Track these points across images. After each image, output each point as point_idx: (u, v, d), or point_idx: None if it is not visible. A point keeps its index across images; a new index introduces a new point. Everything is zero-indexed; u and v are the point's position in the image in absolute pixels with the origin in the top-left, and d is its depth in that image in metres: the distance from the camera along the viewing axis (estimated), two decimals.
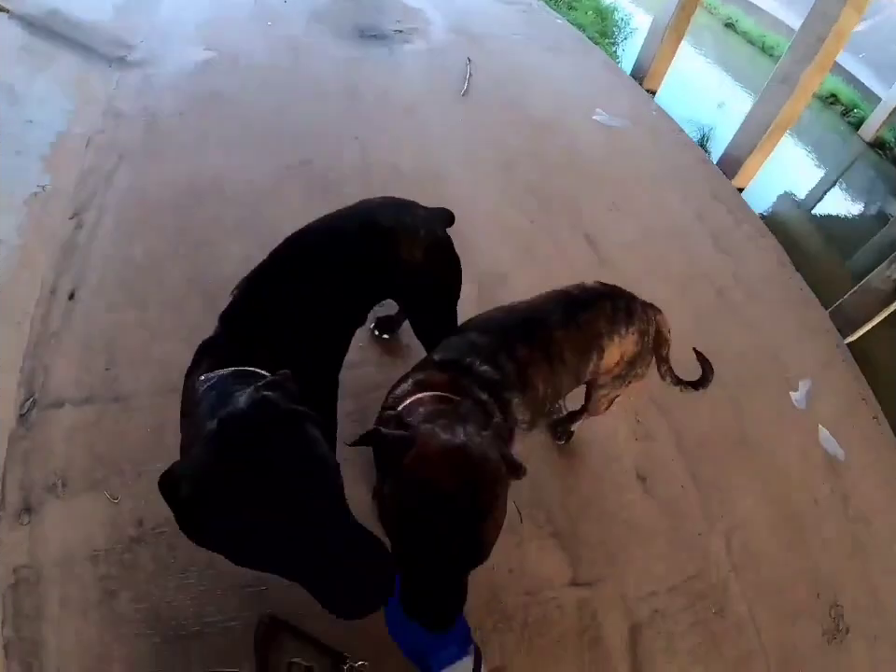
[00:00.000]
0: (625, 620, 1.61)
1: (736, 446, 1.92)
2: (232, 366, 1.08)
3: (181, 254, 2.04)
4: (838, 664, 1.71)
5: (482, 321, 1.30)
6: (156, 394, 1.76)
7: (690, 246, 2.23)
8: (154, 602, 1.44)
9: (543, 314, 1.28)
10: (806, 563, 1.84)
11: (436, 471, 0.87)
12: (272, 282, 1.24)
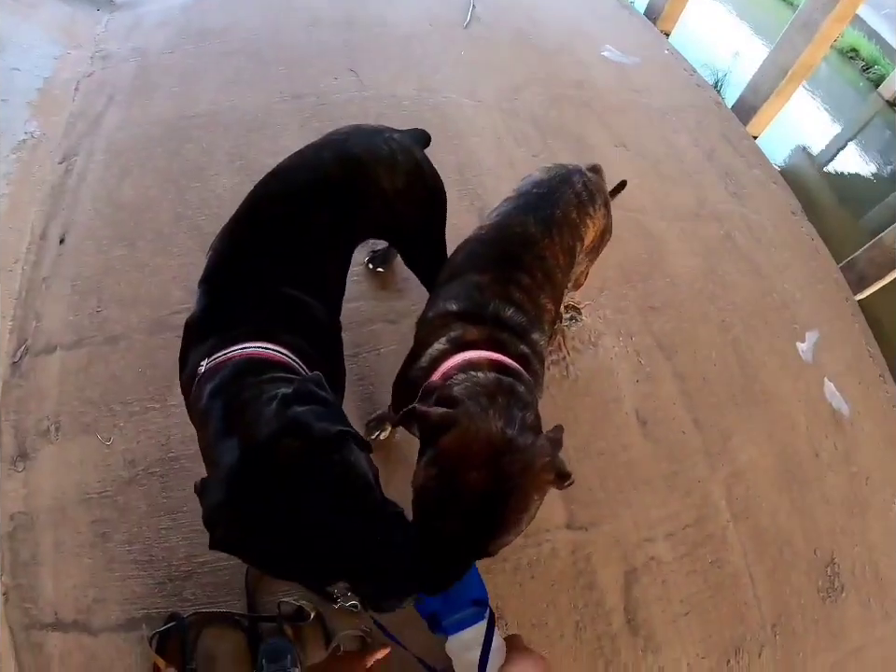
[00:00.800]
0: (621, 565, 1.56)
1: (740, 394, 1.84)
2: (227, 346, 0.97)
3: (171, 191, 1.96)
4: (830, 622, 1.67)
5: (466, 258, 1.19)
6: (146, 333, 1.72)
7: (699, 187, 2.10)
8: (147, 544, 1.44)
9: (521, 232, 1.17)
10: (805, 518, 1.78)
11: (472, 463, 0.78)
12: (251, 235, 1.13)
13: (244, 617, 1.38)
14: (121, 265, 1.83)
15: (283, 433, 0.76)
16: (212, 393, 0.90)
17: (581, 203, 1.26)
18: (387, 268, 1.86)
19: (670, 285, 1.89)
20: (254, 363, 0.94)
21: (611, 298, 1.89)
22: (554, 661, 1.46)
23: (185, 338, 1.08)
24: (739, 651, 1.58)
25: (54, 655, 1.42)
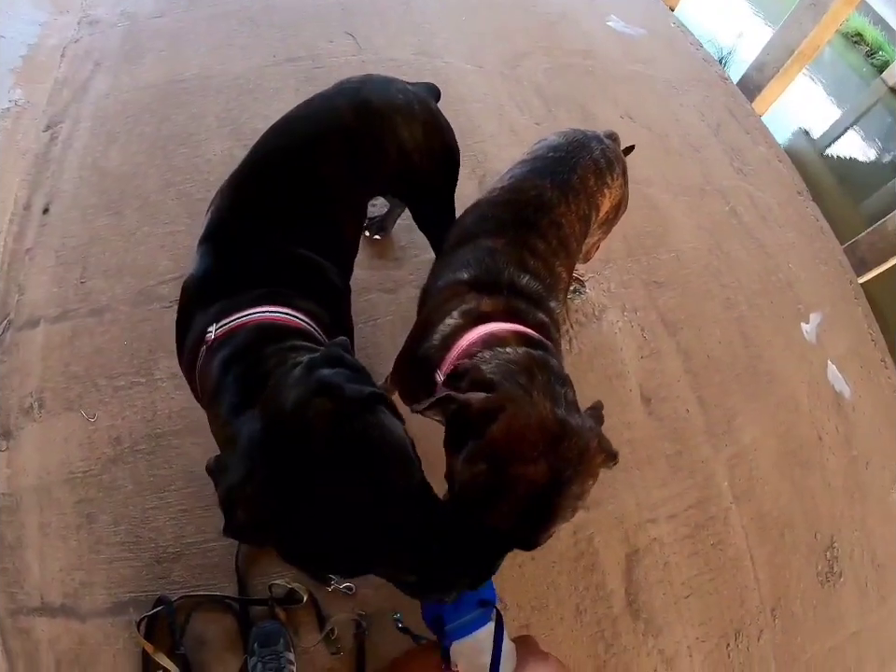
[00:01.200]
0: (623, 547, 1.51)
1: (744, 373, 1.79)
2: (238, 310, 0.87)
3: (159, 158, 1.86)
4: (828, 607, 1.65)
5: (476, 222, 1.10)
6: (132, 304, 1.64)
7: (704, 162, 2.04)
8: (133, 524, 1.39)
9: (536, 195, 1.09)
10: (807, 501, 1.74)
11: (527, 455, 0.69)
12: (257, 190, 1.04)
13: (234, 600, 1.33)
14: (107, 234, 1.74)
15: (313, 395, 0.66)
16: (225, 362, 0.80)
17: (598, 170, 1.18)
18: (385, 235, 1.77)
19: (675, 259, 1.83)
20: (272, 329, 0.84)
21: (616, 271, 1.83)
22: (554, 644, 1.42)
23: (184, 302, 0.99)
24: (739, 635, 1.56)
25: (42, 641, 1.39)
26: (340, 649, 1.31)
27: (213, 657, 1.34)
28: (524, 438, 0.70)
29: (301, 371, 0.71)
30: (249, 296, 0.90)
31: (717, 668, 1.52)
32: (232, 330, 0.85)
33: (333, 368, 0.71)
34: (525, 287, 0.96)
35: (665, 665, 1.49)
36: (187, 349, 0.94)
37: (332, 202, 1.07)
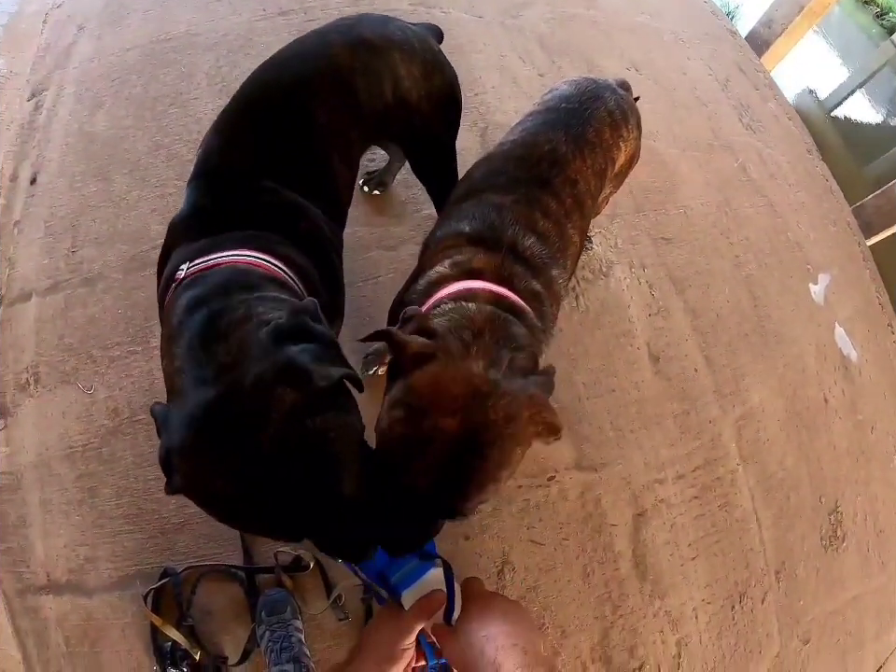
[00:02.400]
0: (630, 508, 1.48)
1: (752, 333, 1.73)
2: (214, 251, 0.81)
3: (147, 119, 1.76)
4: (830, 571, 1.64)
5: (485, 176, 1.02)
6: (125, 271, 1.57)
7: (713, 116, 1.94)
8: (135, 496, 1.36)
9: (550, 150, 1.01)
10: (813, 464, 1.71)
11: (446, 406, 0.65)
12: (247, 129, 0.96)
13: (240, 569, 1.31)
14: (97, 201, 1.66)
15: (275, 379, 0.62)
16: (191, 304, 0.74)
17: (614, 122, 1.10)
18: (384, 191, 1.67)
19: (683, 215, 1.76)
20: (244, 275, 0.78)
21: (623, 226, 1.74)
22: (562, 605, 1.40)
23: (167, 238, 0.93)
24: (744, 597, 1.55)
25: (50, 619, 1.38)
26: (348, 615, 1.29)
27: (220, 627, 1.32)
28: (445, 389, 0.66)
29: (266, 336, 0.65)
30: (230, 237, 0.85)
31: (721, 630, 1.52)
32: (203, 270, 0.79)
33: (300, 342, 0.65)
34: (528, 250, 0.88)
35: (671, 626, 1.48)
36: (161, 287, 0.88)
37: (323, 144, 0.99)
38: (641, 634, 1.45)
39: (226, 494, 0.61)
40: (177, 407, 0.64)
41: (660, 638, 1.46)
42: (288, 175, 0.94)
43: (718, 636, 1.51)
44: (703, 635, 1.50)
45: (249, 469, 0.60)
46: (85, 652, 1.38)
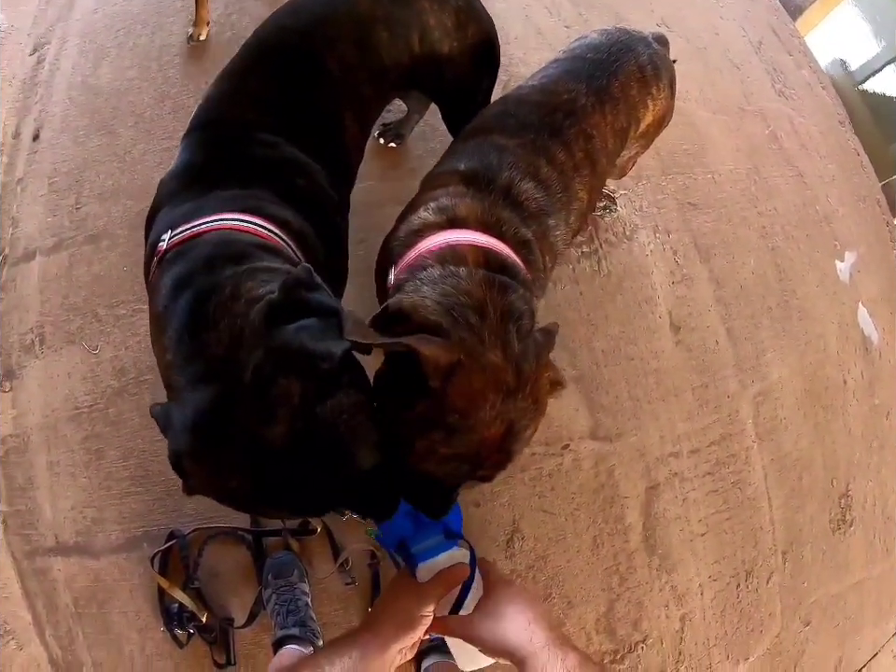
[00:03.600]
0: (643, 480, 1.46)
1: (776, 307, 1.68)
2: (197, 216, 0.74)
3: (153, 70, 1.68)
4: (836, 554, 1.63)
5: (496, 117, 0.97)
6: (130, 227, 1.52)
7: (745, 80, 1.84)
8: (142, 458, 1.35)
9: (568, 100, 0.95)
10: (827, 446, 1.68)
11: (486, 416, 0.63)
12: (252, 79, 0.90)
13: (247, 532, 1.30)
14: (101, 155, 1.60)
15: (275, 369, 0.58)
16: (175, 285, 0.68)
17: (643, 78, 1.03)
18: (401, 144, 1.59)
19: (711, 181, 1.68)
20: (230, 245, 0.72)
21: (649, 189, 1.66)
22: (570, 576, 1.39)
23: (155, 199, 0.87)
24: (750, 576, 1.53)
25: (59, 580, 1.39)
26: (354, 579, 1.28)
27: (227, 589, 1.33)
28: (482, 400, 0.63)
29: (258, 319, 0.60)
30: (215, 197, 0.78)
31: (725, 607, 1.51)
32: (185, 241, 0.72)
33: (297, 318, 0.60)
34: (523, 195, 0.83)
35: (676, 601, 1.47)
36: (146, 256, 0.83)
37: (334, 98, 0.93)
38: (646, 608, 1.44)
39: (244, 492, 0.60)
40: (177, 407, 0.60)
41: (664, 613, 1.46)
42: (292, 129, 0.88)
43: (721, 613, 1.51)
44: (707, 611, 1.50)
45: (262, 467, 0.58)
46: (93, 613, 1.40)
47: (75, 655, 1.44)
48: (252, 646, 1.35)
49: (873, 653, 1.71)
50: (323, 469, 0.59)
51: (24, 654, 1.46)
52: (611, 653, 1.41)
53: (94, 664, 1.44)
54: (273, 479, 0.59)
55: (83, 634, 1.43)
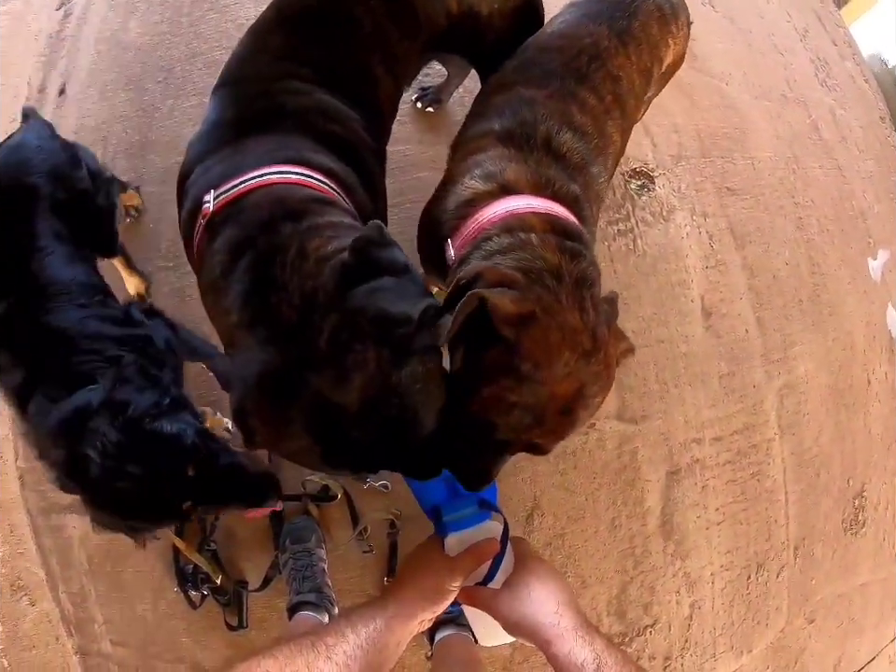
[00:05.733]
0: (665, 464, 1.46)
1: (806, 300, 1.67)
2: (240, 172, 0.72)
3: (184, 26, 1.66)
4: (846, 555, 1.63)
5: (518, 69, 0.95)
6: (158, 183, 1.51)
7: (788, 67, 1.81)
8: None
9: (591, 43, 0.94)
10: (847, 444, 1.67)
11: (559, 370, 0.63)
12: (283, 31, 0.88)
13: None
14: (128, 110, 1.59)
15: (351, 335, 0.57)
16: (232, 248, 0.67)
17: (662, 16, 1.02)
18: (438, 108, 1.56)
19: (750, 167, 1.67)
20: (284, 201, 0.70)
21: (688, 170, 1.64)
22: (585, 556, 1.40)
23: (185, 161, 0.85)
24: (761, 568, 1.54)
25: (74, 537, 1.41)
26: (372, 547, 1.29)
27: (243, 553, 1.34)
28: (556, 353, 0.63)
29: (332, 280, 0.60)
30: (254, 148, 0.77)
31: (734, 598, 1.53)
32: (236, 200, 0.70)
33: (370, 279, 0.60)
34: (564, 146, 0.83)
35: (687, 587, 1.48)
36: (183, 218, 0.82)
37: (366, 50, 0.91)
38: (658, 592, 1.45)
39: (308, 452, 0.61)
40: (244, 366, 0.61)
41: (675, 599, 1.47)
42: (323, 80, 0.86)
43: (730, 603, 1.52)
44: (716, 600, 1.51)
45: (331, 431, 0.59)
46: (107, 571, 1.42)
47: (87, 612, 1.46)
48: (265, 609, 1.37)
49: (871, 656, 1.73)
50: (390, 433, 0.60)
51: (36, 610, 1.48)
52: (620, 636, 1.42)
53: (106, 621, 1.46)
54: (339, 442, 0.59)
55: (96, 591, 1.45)
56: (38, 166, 1.02)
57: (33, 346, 0.93)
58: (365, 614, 0.61)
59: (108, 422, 0.81)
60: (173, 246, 1.44)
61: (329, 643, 0.56)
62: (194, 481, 0.83)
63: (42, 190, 1.01)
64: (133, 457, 0.79)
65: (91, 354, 0.92)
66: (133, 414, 0.81)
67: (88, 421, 0.82)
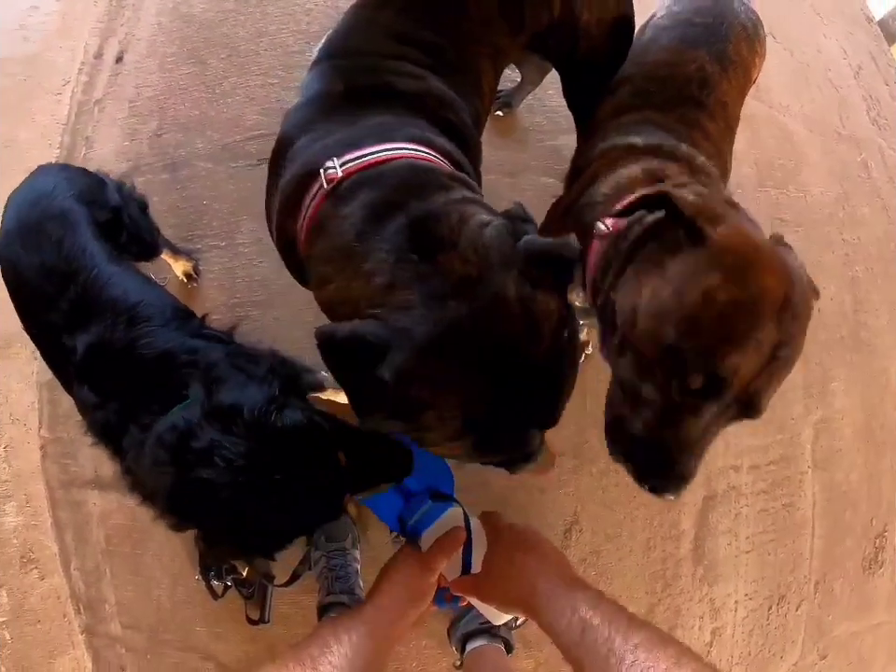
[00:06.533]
0: (702, 488, 1.46)
1: (848, 337, 1.67)
2: (368, 144, 0.71)
3: (252, 5, 1.65)
4: (863, 594, 1.63)
5: (638, 97, 0.96)
6: (214, 160, 1.50)
7: (843, 103, 1.83)
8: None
9: (696, 70, 0.95)
10: (874, 483, 1.67)
11: (766, 262, 0.61)
12: (395, 8, 0.87)
13: None
14: (188, 84, 1.57)
15: (535, 287, 0.58)
16: (373, 211, 0.65)
17: (748, 36, 1.02)
18: (508, 113, 1.56)
19: (802, 199, 1.68)
20: (428, 172, 0.70)
21: (744, 199, 1.50)
22: (618, 575, 1.39)
23: (285, 131, 0.83)
24: (782, 601, 1.54)
25: (93, 514, 1.38)
26: None
27: None
28: (756, 246, 0.61)
29: (504, 238, 0.60)
30: (377, 124, 0.75)
31: (754, 627, 1.52)
32: (370, 167, 0.69)
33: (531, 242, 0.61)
34: (703, 167, 0.83)
35: (711, 614, 1.48)
36: (283, 191, 0.78)
37: (474, 40, 0.90)
38: (683, 616, 1.45)
39: (495, 413, 0.58)
40: (414, 321, 0.57)
41: (699, 624, 1.46)
42: (434, 64, 0.86)
43: (749, 632, 1.51)
44: (737, 629, 1.50)
45: (524, 384, 0.58)
46: (126, 553, 1.39)
47: (99, 592, 1.43)
48: (289, 606, 1.34)
49: None
50: (555, 384, 0.61)
51: (45, 584, 1.44)
52: None
53: (118, 603, 1.42)
54: (523, 396, 0.58)
55: (111, 572, 1.41)
56: (64, 192, 0.96)
57: (128, 376, 0.84)
58: (347, 624, 0.61)
59: (221, 432, 0.69)
60: (225, 225, 1.43)
61: (313, 654, 0.57)
62: (348, 468, 0.73)
63: (79, 213, 0.94)
64: (273, 463, 0.68)
65: (190, 366, 0.83)
66: (253, 415, 0.69)
67: (191, 440, 0.70)
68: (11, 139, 1.56)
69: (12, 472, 1.45)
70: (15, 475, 1.44)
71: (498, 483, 1.30)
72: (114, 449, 0.85)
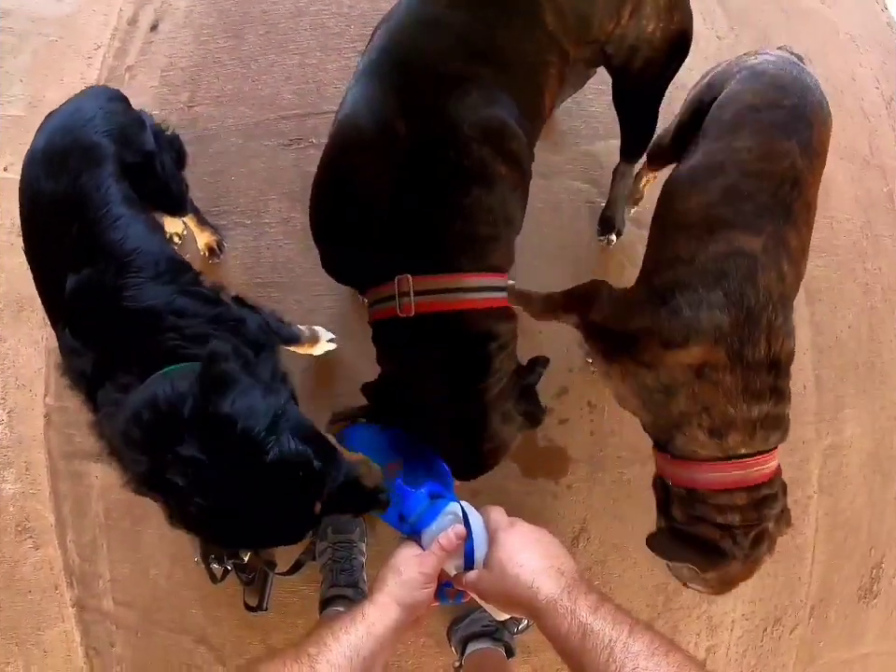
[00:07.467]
0: None
1: (862, 366, 1.69)
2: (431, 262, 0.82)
3: None
4: (856, 622, 1.65)
5: (729, 198, 0.88)
6: (245, 136, 1.48)
7: (873, 132, 1.85)
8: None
9: (789, 166, 0.86)
10: (876, 513, 1.69)
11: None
12: (464, 8, 0.85)
13: None
14: (224, 57, 1.55)
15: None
16: (439, 364, 0.82)
17: (823, 119, 0.93)
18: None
19: (828, 226, 1.69)
20: (484, 323, 0.86)
21: None
22: (622, 586, 1.40)
23: (339, 146, 0.88)
24: (778, 623, 1.55)
25: (94, 487, 1.37)
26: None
27: None
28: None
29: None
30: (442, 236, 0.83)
31: (748, 648, 1.53)
32: (435, 312, 0.80)
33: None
34: (781, 347, 0.88)
35: (708, 631, 1.49)
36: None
37: (544, 49, 0.88)
38: (681, 632, 1.46)
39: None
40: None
41: (695, 641, 1.48)
42: (500, 75, 0.85)
43: (743, 653, 1.53)
44: (731, 648, 1.52)
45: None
46: (125, 528, 1.37)
47: (93, 566, 1.41)
48: (288, 594, 1.34)
49: None
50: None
51: (39, 554, 1.42)
52: None
53: (112, 579, 1.41)
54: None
55: (108, 547, 1.39)
56: (100, 126, 0.93)
57: (109, 327, 0.82)
58: (345, 622, 0.61)
59: (206, 451, 0.65)
60: (252, 203, 1.42)
61: (311, 653, 0.56)
62: (320, 513, 0.71)
63: (107, 150, 0.91)
64: (249, 497, 0.66)
65: (174, 331, 0.80)
66: (247, 437, 0.65)
67: (172, 428, 0.66)
68: (39, 99, 1.53)
69: (14, 439, 1.43)
70: (17, 441, 1.42)
71: (514, 488, 1.31)
72: (86, 397, 0.84)
